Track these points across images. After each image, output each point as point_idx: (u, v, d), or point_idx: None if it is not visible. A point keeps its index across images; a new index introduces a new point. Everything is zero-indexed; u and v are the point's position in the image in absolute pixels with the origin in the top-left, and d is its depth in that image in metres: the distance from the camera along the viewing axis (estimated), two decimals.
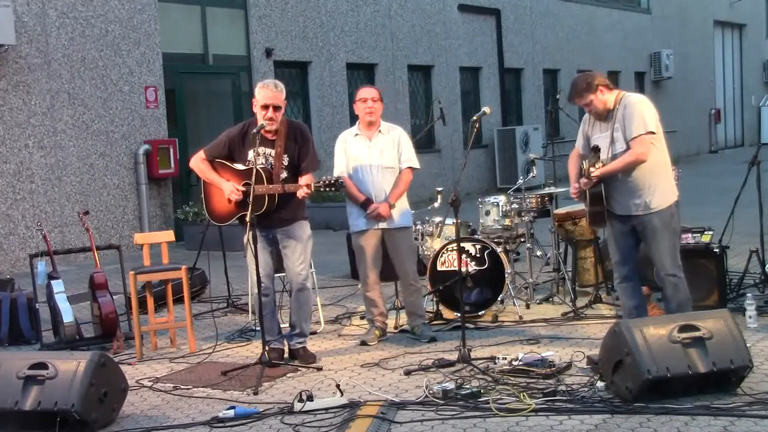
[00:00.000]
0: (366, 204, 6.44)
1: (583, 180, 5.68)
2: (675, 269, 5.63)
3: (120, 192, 12.44)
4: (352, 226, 6.61)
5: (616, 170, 5.57)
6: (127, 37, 12.53)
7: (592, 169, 5.54)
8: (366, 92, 6.59)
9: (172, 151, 12.81)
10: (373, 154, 6.50)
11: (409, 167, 6.56)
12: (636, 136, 5.49)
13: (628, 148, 5.53)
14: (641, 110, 5.54)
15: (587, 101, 5.64)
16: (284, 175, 5.97)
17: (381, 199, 6.45)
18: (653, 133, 5.53)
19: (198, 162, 6.21)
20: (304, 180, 5.90)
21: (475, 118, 6.29)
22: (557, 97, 8.82)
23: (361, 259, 6.56)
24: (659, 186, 5.60)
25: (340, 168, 6.56)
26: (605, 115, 5.66)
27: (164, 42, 13.11)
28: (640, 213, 5.61)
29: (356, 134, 6.61)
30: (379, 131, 6.57)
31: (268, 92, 5.93)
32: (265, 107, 5.92)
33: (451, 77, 18.66)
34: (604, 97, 5.62)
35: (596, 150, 5.59)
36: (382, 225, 6.47)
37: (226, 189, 6.00)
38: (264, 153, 5.99)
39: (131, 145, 12.55)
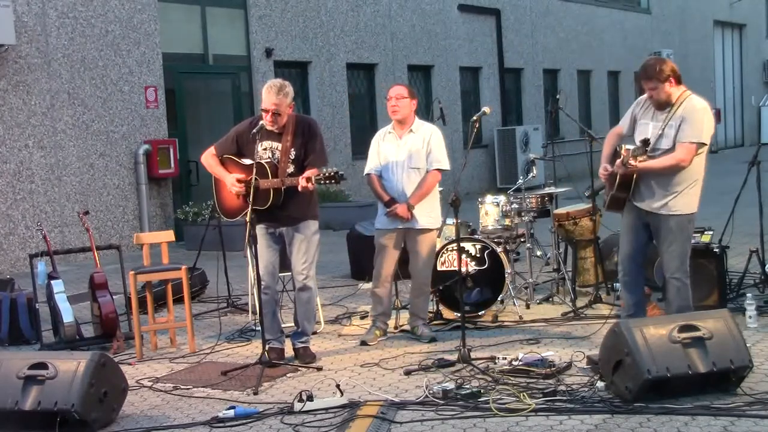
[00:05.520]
0: (390, 203, 6.42)
1: (619, 165, 5.61)
2: (680, 273, 5.64)
3: (120, 192, 12.44)
4: (376, 223, 6.62)
5: (654, 169, 5.56)
6: (127, 37, 12.53)
7: (632, 160, 5.50)
8: (392, 90, 6.58)
9: (172, 151, 12.80)
10: (401, 153, 6.47)
11: (436, 169, 6.52)
12: (687, 141, 5.49)
13: (673, 147, 5.52)
14: (703, 119, 5.54)
15: (654, 86, 5.58)
16: (291, 169, 5.97)
17: (404, 200, 6.42)
18: (704, 144, 5.54)
19: (207, 157, 6.24)
20: (305, 173, 5.87)
21: (475, 118, 6.29)
22: (557, 97, 8.79)
23: (379, 256, 6.53)
24: (686, 192, 5.61)
25: (371, 166, 6.56)
26: (663, 106, 5.64)
27: (164, 42, 13.11)
28: (661, 212, 5.61)
29: (389, 132, 6.60)
30: (411, 130, 6.53)
31: (269, 97, 5.91)
32: (265, 111, 5.93)
33: (451, 77, 18.66)
34: (671, 89, 5.59)
35: (646, 143, 5.46)
36: (405, 225, 6.45)
37: (228, 181, 6.01)
38: (271, 147, 6.01)
39: (131, 145, 12.55)
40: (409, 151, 6.47)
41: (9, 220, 11.18)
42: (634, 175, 5.62)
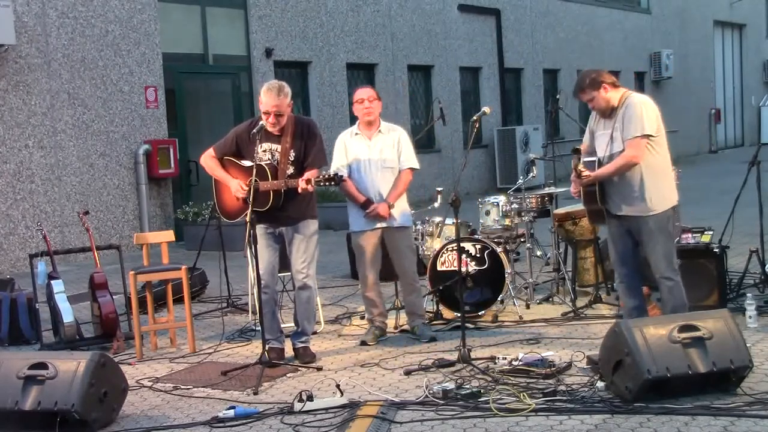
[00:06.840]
0: (366, 204, 6.44)
1: (575, 179, 5.66)
2: (670, 272, 5.61)
3: (120, 192, 12.44)
4: (351, 225, 6.62)
5: (608, 174, 5.55)
6: (127, 37, 12.53)
7: (582, 170, 5.53)
8: (362, 92, 6.59)
9: (172, 151, 12.81)
10: (373, 153, 6.50)
11: (409, 168, 6.57)
12: (631, 137, 5.48)
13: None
14: (641, 112, 5.50)
15: (590, 98, 5.61)
16: (290, 171, 5.97)
17: (379, 199, 6.45)
18: (650, 136, 5.50)
19: (207, 159, 6.22)
20: (305, 175, 5.88)
21: (475, 118, 6.30)
22: (557, 97, 8.81)
23: (361, 259, 6.56)
24: (656, 189, 5.56)
25: (338, 166, 6.57)
26: (609, 113, 5.64)
27: (164, 42, 13.11)
28: (636, 214, 5.59)
29: (356, 134, 6.62)
30: (379, 131, 6.57)
31: (270, 99, 5.91)
32: (267, 113, 5.93)
33: (451, 77, 18.65)
34: (608, 95, 5.58)
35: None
36: (382, 224, 6.48)
37: (233, 186, 6.00)
38: (270, 149, 6.01)
39: (131, 145, 12.55)
40: (381, 151, 6.50)
41: (9, 220, 11.18)
42: (596, 186, 5.62)
